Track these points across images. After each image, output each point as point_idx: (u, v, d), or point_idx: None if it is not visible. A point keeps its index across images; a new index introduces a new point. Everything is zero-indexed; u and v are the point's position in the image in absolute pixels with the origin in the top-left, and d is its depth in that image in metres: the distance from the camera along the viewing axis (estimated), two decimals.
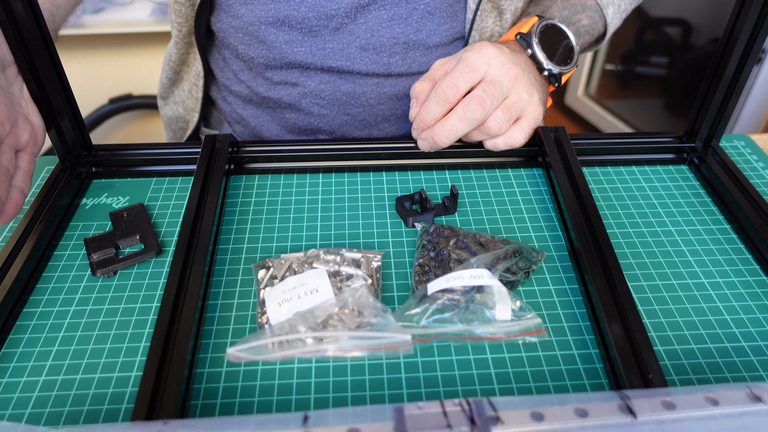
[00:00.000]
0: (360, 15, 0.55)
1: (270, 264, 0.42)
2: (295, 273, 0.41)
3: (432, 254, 0.41)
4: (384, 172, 0.52)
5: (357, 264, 0.41)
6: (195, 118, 0.65)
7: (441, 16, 0.57)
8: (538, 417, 0.26)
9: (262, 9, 0.55)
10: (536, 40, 0.51)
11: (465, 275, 0.38)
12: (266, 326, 0.38)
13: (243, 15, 0.56)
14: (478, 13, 0.57)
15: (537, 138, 0.50)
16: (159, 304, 0.37)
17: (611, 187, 0.50)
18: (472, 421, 0.26)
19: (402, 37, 0.57)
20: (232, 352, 0.36)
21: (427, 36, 0.58)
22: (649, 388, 0.32)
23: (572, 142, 0.50)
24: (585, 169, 0.52)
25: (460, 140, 0.50)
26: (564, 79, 0.54)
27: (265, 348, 0.36)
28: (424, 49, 0.58)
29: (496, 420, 0.26)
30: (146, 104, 1.52)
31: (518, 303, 0.38)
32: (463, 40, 0.60)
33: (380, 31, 0.56)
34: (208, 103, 0.68)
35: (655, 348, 0.37)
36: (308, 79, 0.60)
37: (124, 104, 1.51)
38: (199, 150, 0.49)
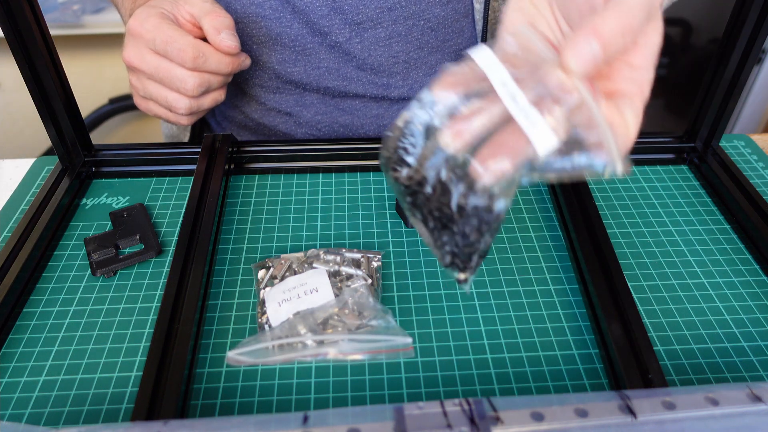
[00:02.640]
0: (355, 33, 0.52)
1: (270, 264, 0.42)
2: (295, 273, 0.41)
3: None
4: None
5: (357, 264, 0.41)
6: (186, 137, 0.65)
7: (445, 32, 0.54)
8: (538, 417, 0.26)
9: (253, 27, 0.53)
10: None
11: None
12: (266, 327, 0.38)
13: None
14: (488, 23, 0.52)
15: None
16: (159, 304, 0.37)
17: (611, 187, 0.50)
18: (472, 421, 0.26)
19: (402, 55, 0.54)
20: (233, 355, 0.36)
21: (429, 53, 0.54)
22: (649, 388, 0.32)
23: None
24: None
25: None
26: None
27: (265, 351, 0.36)
28: (427, 68, 0.55)
29: (496, 420, 0.26)
30: None
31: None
32: None
33: (378, 50, 0.53)
34: (203, 127, 0.67)
35: (655, 348, 0.37)
36: (304, 109, 0.57)
37: (124, 104, 1.51)
38: (199, 150, 0.49)
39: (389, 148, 0.30)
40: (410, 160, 0.29)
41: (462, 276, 0.31)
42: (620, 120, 0.27)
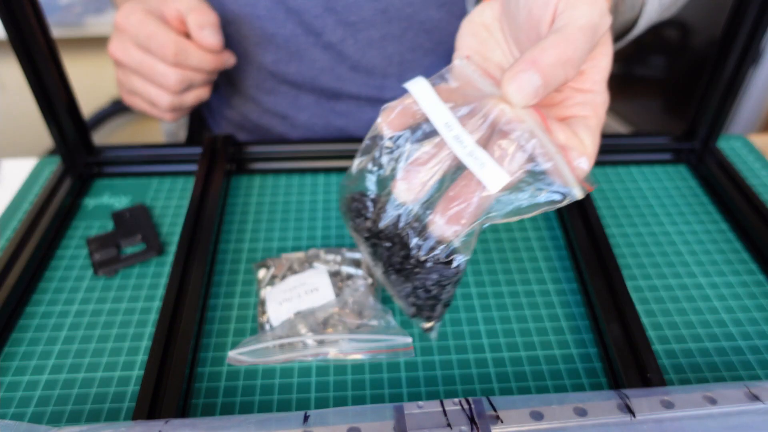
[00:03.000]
0: (349, 34, 0.52)
1: (271, 263, 0.42)
2: (295, 272, 0.41)
3: None
4: None
5: (357, 263, 0.41)
6: (183, 134, 0.65)
7: (440, 34, 0.53)
8: (537, 416, 0.26)
9: (247, 28, 0.53)
10: None
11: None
12: (267, 326, 0.38)
13: (230, 34, 0.54)
14: None
15: None
16: (160, 304, 0.37)
17: (609, 187, 0.50)
18: (471, 420, 0.26)
19: (396, 57, 0.54)
20: (234, 355, 0.36)
21: (423, 55, 0.54)
22: (647, 387, 0.32)
23: None
24: None
25: None
26: None
27: (265, 351, 0.36)
28: (422, 70, 0.55)
29: (496, 419, 0.26)
30: None
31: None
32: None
33: (372, 51, 0.53)
34: (202, 126, 0.67)
35: (653, 347, 0.37)
36: (299, 111, 0.57)
37: (125, 104, 1.51)
38: (201, 150, 0.49)
39: (346, 200, 0.30)
40: (368, 212, 0.29)
41: (427, 325, 0.31)
42: (575, 140, 0.27)
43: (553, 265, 0.43)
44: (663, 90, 1.65)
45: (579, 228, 0.42)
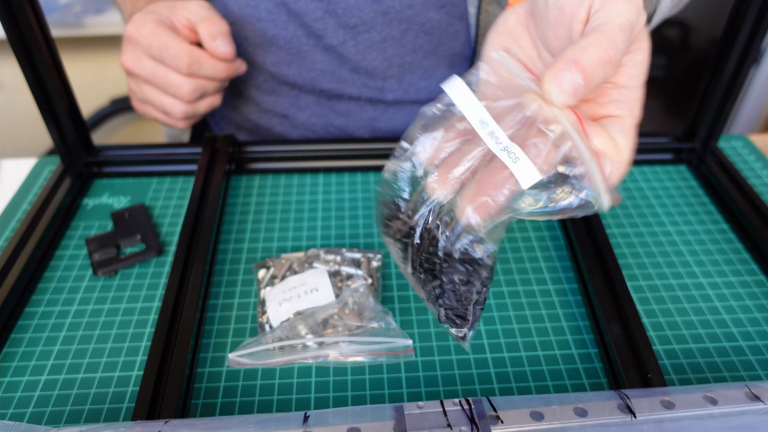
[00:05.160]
0: (349, 36, 0.53)
1: (270, 264, 0.42)
2: (295, 272, 0.41)
3: None
4: None
5: (357, 264, 0.41)
6: (186, 137, 0.65)
7: (440, 36, 0.53)
8: (537, 416, 0.26)
9: (248, 29, 0.54)
10: None
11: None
12: (266, 327, 0.38)
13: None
14: (481, 28, 0.52)
15: None
16: (160, 304, 0.37)
17: None
18: (471, 420, 0.26)
19: (396, 59, 0.54)
20: (233, 357, 0.36)
21: (423, 57, 0.54)
22: (648, 387, 0.32)
23: None
24: None
25: None
26: None
27: (265, 353, 0.36)
28: (422, 72, 0.55)
29: (496, 419, 0.26)
30: None
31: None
32: (468, 61, 0.57)
33: (372, 53, 0.53)
34: (203, 127, 0.67)
35: (653, 347, 0.37)
36: (299, 111, 0.58)
37: (125, 104, 1.51)
38: (201, 150, 0.49)
39: (380, 208, 0.30)
40: (400, 213, 0.29)
41: (460, 333, 0.30)
42: (611, 144, 0.27)
43: (553, 265, 0.43)
44: (663, 90, 1.65)
45: (579, 228, 0.42)
